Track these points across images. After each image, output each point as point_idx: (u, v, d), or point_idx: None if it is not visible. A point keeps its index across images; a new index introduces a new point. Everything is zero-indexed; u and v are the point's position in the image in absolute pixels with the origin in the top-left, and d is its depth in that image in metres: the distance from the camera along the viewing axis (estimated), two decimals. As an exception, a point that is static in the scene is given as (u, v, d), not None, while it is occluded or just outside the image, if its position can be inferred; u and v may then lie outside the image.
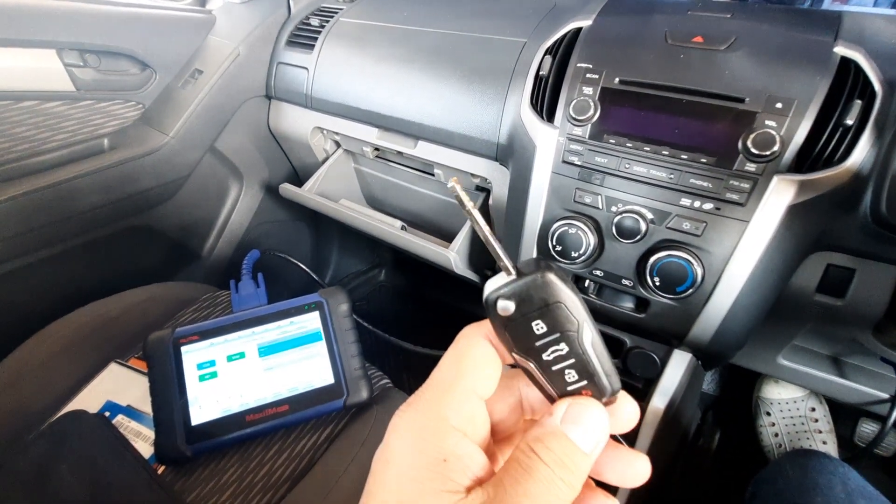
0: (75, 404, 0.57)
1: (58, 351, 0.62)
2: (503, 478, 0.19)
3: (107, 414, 0.56)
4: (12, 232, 0.69)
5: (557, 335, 0.20)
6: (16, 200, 0.68)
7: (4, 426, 0.54)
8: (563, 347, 0.21)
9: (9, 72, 0.67)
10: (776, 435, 0.85)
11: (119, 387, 0.59)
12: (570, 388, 0.21)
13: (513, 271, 0.20)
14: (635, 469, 0.21)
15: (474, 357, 0.21)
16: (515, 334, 0.21)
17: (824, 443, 0.83)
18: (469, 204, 0.20)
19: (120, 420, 0.56)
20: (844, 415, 0.87)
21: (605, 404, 0.21)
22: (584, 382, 0.21)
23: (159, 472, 0.52)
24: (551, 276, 0.20)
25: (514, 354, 0.21)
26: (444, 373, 0.21)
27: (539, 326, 0.20)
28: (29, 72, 0.69)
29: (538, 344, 0.21)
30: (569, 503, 0.19)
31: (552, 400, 0.22)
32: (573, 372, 0.21)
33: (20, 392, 0.58)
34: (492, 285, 0.21)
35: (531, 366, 0.21)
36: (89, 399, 0.58)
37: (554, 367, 0.21)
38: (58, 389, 0.58)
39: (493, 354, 0.22)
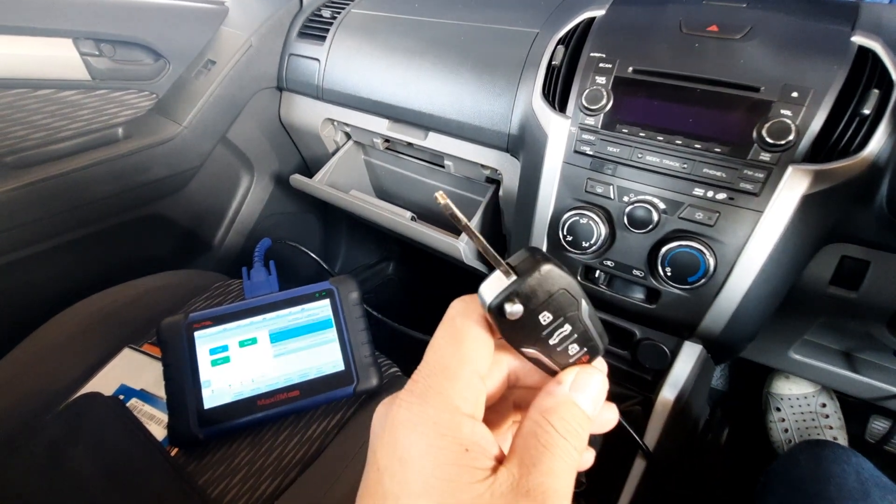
0: (90, 387, 0.58)
1: (73, 336, 0.63)
2: (523, 456, 0.19)
3: (121, 397, 0.57)
4: (29, 218, 0.70)
5: (562, 318, 0.21)
6: (33, 187, 0.69)
7: (22, 407, 0.55)
8: (567, 328, 0.21)
9: (26, 60, 0.68)
10: (786, 430, 0.85)
11: (133, 371, 0.60)
12: (571, 360, 0.22)
13: (512, 273, 0.20)
14: (607, 416, 0.23)
15: (474, 338, 0.21)
16: (524, 331, 0.21)
17: (835, 439, 0.82)
18: (463, 219, 0.20)
19: (133, 403, 0.57)
20: (855, 411, 0.86)
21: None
22: (584, 350, 0.22)
23: (172, 454, 0.53)
24: (551, 267, 0.20)
25: (521, 350, 0.21)
26: (444, 357, 0.21)
27: (545, 317, 0.20)
28: (46, 60, 0.69)
29: (545, 333, 0.21)
30: (577, 466, 0.20)
31: (553, 373, 0.22)
32: (575, 345, 0.22)
33: (37, 374, 0.59)
34: (491, 290, 0.20)
35: (537, 353, 0.21)
36: (104, 383, 0.59)
37: (559, 348, 0.21)
38: (73, 373, 0.59)
39: (488, 332, 0.21)
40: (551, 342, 0.21)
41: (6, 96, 0.67)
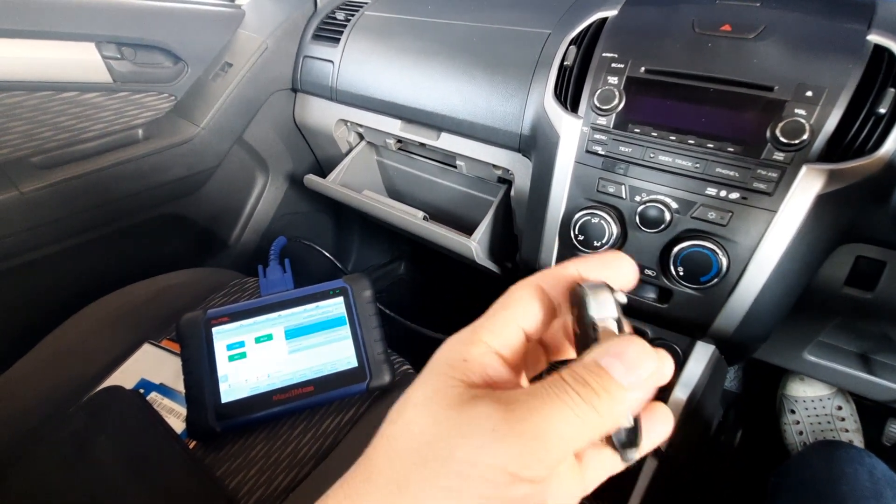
0: (112, 381, 0.59)
1: (95, 331, 0.65)
2: (530, 390, 0.19)
3: (141, 391, 0.58)
4: (53, 217, 0.73)
5: None
6: (57, 186, 0.71)
7: (47, 399, 0.57)
8: None
9: (51, 63, 0.70)
10: (801, 433, 0.84)
11: (152, 366, 0.62)
12: None
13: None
14: (660, 427, 0.21)
15: (518, 295, 0.22)
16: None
17: (851, 442, 0.81)
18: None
19: (153, 397, 0.58)
20: (872, 415, 0.85)
21: None
22: None
23: (190, 446, 0.54)
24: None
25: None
26: (489, 310, 0.22)
27: None
28: (70, 64, 0.72)
29: None
30: (598, 430, 0.18)
31: None
32: None
33: (61, 368, 0.61)
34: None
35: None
36: (124, 377, 0.60)
37: None
38: (95, 367, 0.61)
39: (538, 296, 0.22)
40: None
41: (32, 98, 0.70)
